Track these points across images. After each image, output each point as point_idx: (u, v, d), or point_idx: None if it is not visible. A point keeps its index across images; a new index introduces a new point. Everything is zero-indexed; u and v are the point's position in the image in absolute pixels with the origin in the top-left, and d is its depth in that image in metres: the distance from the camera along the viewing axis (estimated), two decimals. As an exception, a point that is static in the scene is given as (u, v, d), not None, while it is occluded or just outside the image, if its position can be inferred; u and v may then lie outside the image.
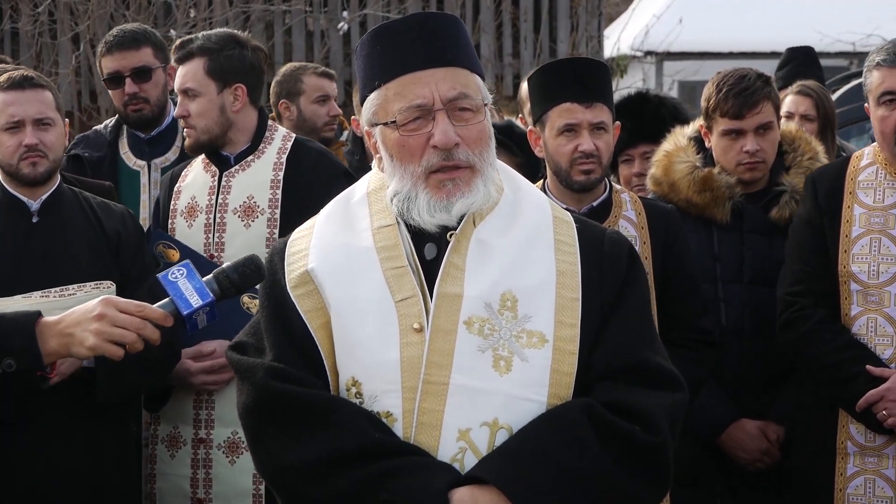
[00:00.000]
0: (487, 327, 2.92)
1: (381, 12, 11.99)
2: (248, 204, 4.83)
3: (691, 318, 4.54)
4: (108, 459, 4.44)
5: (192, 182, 4.93)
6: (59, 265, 4.39)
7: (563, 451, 2.86)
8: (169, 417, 4.86)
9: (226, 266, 3.01)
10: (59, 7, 11.33)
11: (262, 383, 2.96)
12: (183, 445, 4.82)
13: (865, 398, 4.37)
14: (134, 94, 5.53)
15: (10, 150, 4.41)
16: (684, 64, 16.65)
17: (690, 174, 4.88)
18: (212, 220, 4.83)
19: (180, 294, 2.95)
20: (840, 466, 4.47)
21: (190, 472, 4.79)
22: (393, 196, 2.99)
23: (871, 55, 4.53)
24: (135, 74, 5.53)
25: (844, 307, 4.48)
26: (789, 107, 6.54)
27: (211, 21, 11.54)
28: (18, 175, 4.43)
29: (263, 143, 4.92)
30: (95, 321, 2.99)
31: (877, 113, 4.48)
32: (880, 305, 4.42)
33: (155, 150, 5.61)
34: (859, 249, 4.46)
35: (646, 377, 2.98)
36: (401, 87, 2.94)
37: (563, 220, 3.09)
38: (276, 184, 4.83)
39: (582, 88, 4.38)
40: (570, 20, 12.80)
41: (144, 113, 5.56)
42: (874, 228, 4.45)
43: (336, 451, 2.87)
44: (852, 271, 4.45)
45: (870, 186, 4.52)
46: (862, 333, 4.45)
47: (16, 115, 4.40)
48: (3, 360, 3.04)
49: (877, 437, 4.44)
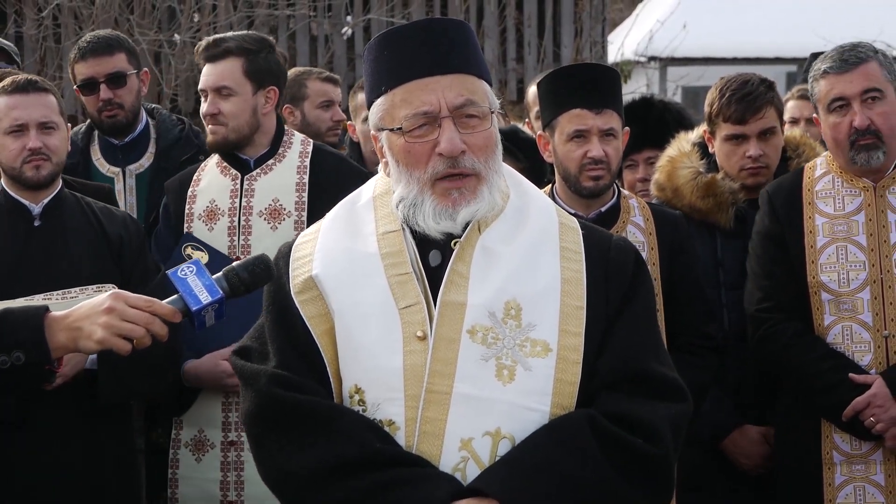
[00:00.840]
0: (491, 336, 2.91)
1: (385, 17, 11.98)
2: (273, 206, 4.85)
3: (697, 325, 4.54)
4: (108, 460, 4.45)
5: (208, 186, 4.93)
6: (61, 268, 4.40)
7: (565, 463, 2.84)
8: (192, 421, 4.86)
9: (236, 264, 2.99)
10: (63, 12, 11.32)
11: (265, 390, 2.95)
12: (210, 449, 4.82)
13: (852, 406, 4.37)
14: (108, 101, 5.52)
15: (14, 153, 4.42)
16: (688, 69, 16.64)
17: (694, 180, 4.88)
18: (236, 222, 4.84)
19: (189, 290, 2.93)
20: (827, 476, 4.47)
21: (220, 475, 4.79)
22: (398, 202, 2.98)
23: (815, 64, 4.54)
24: (109, 80, 5.52)
25: (817, 318, 4.48)
26: (793, 112, 6.53)
27: (215, 25, 11.54)
28: (22, 178, 4.44)
29: (283, 146, 4.94)
30: (104, 314, 2.98)
31: (828, 121, 4.48)
32: (854, 313, 4.43)
33: (129, 156, 5.61)
34: (826, 259, 4.46)
35: (649, 387, 2.97)
36: (407, 93, 2.93)
37: (570, 227, 3.08)
38: (301, 187, 4.86)
39: (592, 95, 4.38)
40: (573, 25, 12.79)
41: (119, 119, 5.56)
42: (839, 237, 4.46)
43: (337, 460, 2.86)
44: (822, 281, 4.45)
45: (828, 195, 4.53)
46: (838, 342, 4.46)
47: (20, 119, 4.42)
48: (11, 353, 3.03)
49: (863, 444, 4.44)
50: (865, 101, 4.42)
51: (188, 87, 11.45)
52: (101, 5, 11.14)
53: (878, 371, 4.42)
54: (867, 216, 4.47)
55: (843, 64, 4.43)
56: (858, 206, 4.49)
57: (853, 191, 4.50)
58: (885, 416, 4.36)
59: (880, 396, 4.35)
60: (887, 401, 4.35)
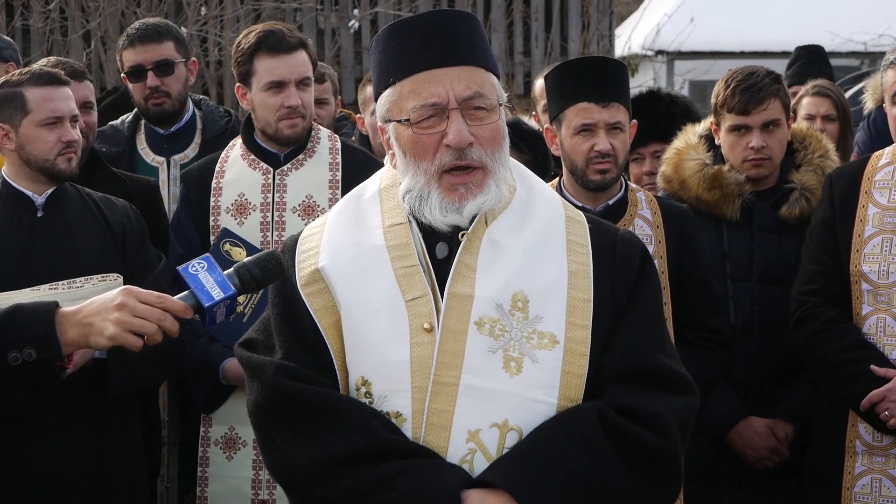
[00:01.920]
0: (498, 328, 2.91)
1: (392, 10, 11.98)
2: (307, 203, 4.82)
3: (705, 318, 4.53)
4: (113, 453, 4.43)
5: (237, 179, 4.89)
6: (64, 259, 4.40)
7: (574, 456, 2.84)
8: (223, 419, 4.83)
9: (247, 260, 2.97)
10: (70, 4, 11.33)
11: (272, 382, 2.95)
12: (242, 447, 4.80)
13: (868, 398, 4.36)
14: (155, 88, 5.50)
15: (50, 144, 4.43)
16: (695, 63, 16.64)
17: (700, 171, 4.87)
18: (269, 218, 4.81)
19: (201, 286, 2.93)
20: (848, 465, 4.46)
21: (252, 473, 4.77)
22: (405, 193, 2.98)
23: (888, 54, 4.51)
24: (157, 68, 5.50)
25: (856, 307, 4.47)
26: (809, 109, 6.51)
27: (222, 19, 11.55)
28: (55, 170, 4.45)
29: (311, 141, 4.92)
30: (116, 310, 2.96)
31: (892, 112, 4.46)
32: (890, 305, 4.41)
33: (174, 146, 5.59)
34: (871, 249, 4.44)
35: (657, 380, 2.97)
36: (416, 84, 2.93)
37: (576, 220, 3.08)
38: (334, 184, 4.83)
39: (599, 88, 4.37)
40: (581, 19, 12.79)
41: (165, 107, 5.54)
42: (887, 228, 4.44)
43: (345, 451, 2.86)
44: (863, 271, 4.43)
45: (885, 186, 4.50)
46: (872, 333, 4.44)
47: (57, 111, 4.42)
48: (22, 349, 3.03)
49: (884, 438, 4.43)
50: None
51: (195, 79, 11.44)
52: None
53: (906, 366, 4.41)
54: None
55: None
56: None
57: None
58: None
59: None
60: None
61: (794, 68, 8.17)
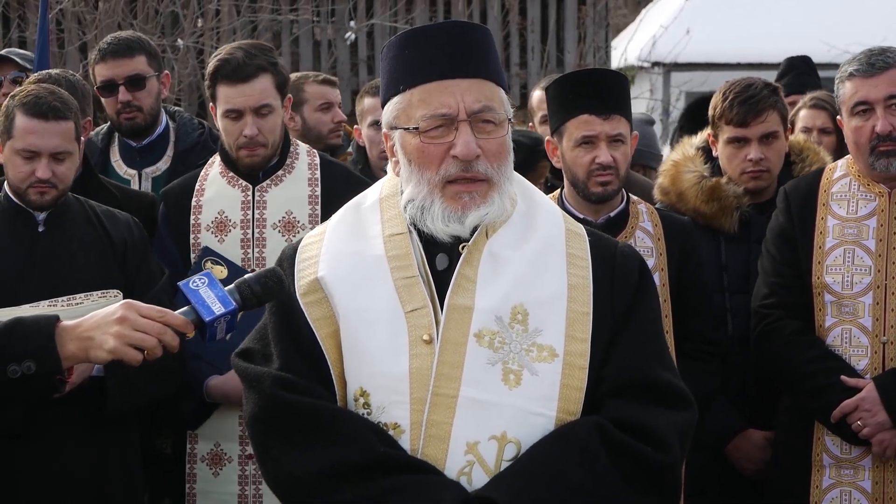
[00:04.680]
0: (498, 340, 2.91)
1: (388, 22, 12.00)
2: (287, 219, 4.79)
3: (704, 332, 4.53)
4: (112, 468, 4.41)
5: (216, 196, 4.85)
6: (65, 274, 4.37)
7: (574, 471, 2.84)
8: (208, 435, 4.81)
9: (248, 277, 2.97)
10: (66, 16, 11.35)
11: (269, 393, 2.95)
12: (228, 463, 4.77)
13: (840, 408, 4.36)
14: (127, 103, 5.49)
15: (23, 175, 4.37)
16: (692, 75, 16.62)
17: (698, 184, 4.87)
18: (249, 235, 4.79)
19: (202, 301, 2.92)
20: (815, 479, 4.46)
21: (238, 488, 4.74)
22: (407, 202, 2.98)
23: (843, 66, 4.53)
24: (128, 82, 5.50)
25: (818, 319, 4.48)
26: (805, 121, 6.50)
27: (219, 31, 11.56)
28: (24, 199, 4.41)
29: (290, 157, 4.89)
30: (116, 324, 2.95)
31: (850, 124, 4.47)
32: (854, 316, 4.42)
33: (146, 158, 5.58)
34: (832, 261, 4.46)
35: (656, 394, 2.97)
36: (426, 93, 2.93)
37: (576, 234, 3.08)
38: (314, 199, 4.81)
39: (600, 100, 4.37)
40: (577, 31, 12.81)
41: (137, 121, 5.53)
42: (847, 239, 4.45)
43: (341, 464, 2.86)
44: (826, 282, 4.44)
45: (843, 198, 4.52)
46: (837, 345, 4.45)
47: (34, 146, 4.35)
48: (22, 362, 3.02)
49: (853, 449, 4.43)
50: (889, 106, 4.40)
51: (191, 91, 11.47)
52: (105, 10, 11.17)
53: (873, 376, 4.41)
54: (879, 222, 4.45)
55: (869, 68, 4.41)
56: (871, 211, 4.47)
57: (868, 195, 4.48)
58: (872, 420, 4.34)
59: (869, 400, 4.34)
60: (875, 405, 4.33)
61: (790, 78, 8.15)
